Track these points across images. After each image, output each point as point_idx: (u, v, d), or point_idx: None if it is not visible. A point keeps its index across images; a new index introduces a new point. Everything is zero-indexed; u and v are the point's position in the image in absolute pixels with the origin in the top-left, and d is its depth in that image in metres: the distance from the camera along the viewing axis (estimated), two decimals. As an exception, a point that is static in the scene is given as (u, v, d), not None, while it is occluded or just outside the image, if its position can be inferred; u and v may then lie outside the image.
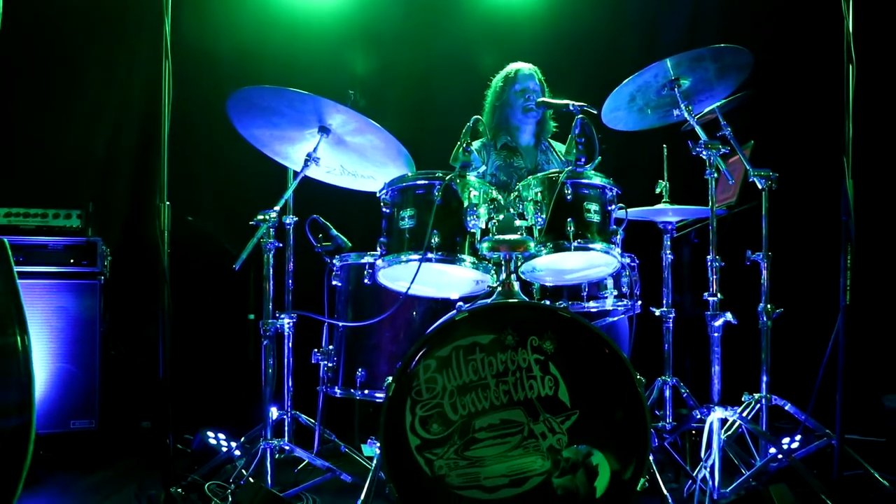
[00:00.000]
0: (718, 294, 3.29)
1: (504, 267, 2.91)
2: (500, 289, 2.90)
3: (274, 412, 3.38)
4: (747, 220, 3.79)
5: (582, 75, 4.91)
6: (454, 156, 3.03)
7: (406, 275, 2.96)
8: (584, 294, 3.33)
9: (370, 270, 3.30)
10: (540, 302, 3.11)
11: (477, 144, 4.22)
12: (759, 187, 3.48)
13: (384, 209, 3.10)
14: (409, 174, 3.13)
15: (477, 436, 2.62)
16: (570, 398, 2.62)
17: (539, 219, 2.97)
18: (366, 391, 3.29)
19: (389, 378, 2.67)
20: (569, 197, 2.94)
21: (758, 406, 3.58)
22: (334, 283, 3.48)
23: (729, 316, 3.25)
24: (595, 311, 3.39)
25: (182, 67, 3.16)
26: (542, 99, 3.98)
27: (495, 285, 2.95)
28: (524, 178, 3.30)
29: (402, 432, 2.62)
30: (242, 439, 3.72)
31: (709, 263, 3.32)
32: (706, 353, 3.33)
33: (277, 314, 3.42)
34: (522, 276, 3.07)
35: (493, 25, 5.27)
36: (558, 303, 3.17)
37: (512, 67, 4.29)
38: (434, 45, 5.20)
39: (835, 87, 2.82)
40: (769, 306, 3.55)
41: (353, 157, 3.56)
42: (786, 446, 3.41)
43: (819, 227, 3.47)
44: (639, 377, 2.63)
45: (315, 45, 5.12)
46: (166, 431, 3.10)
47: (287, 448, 3.32)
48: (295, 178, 3.43)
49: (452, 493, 2.59)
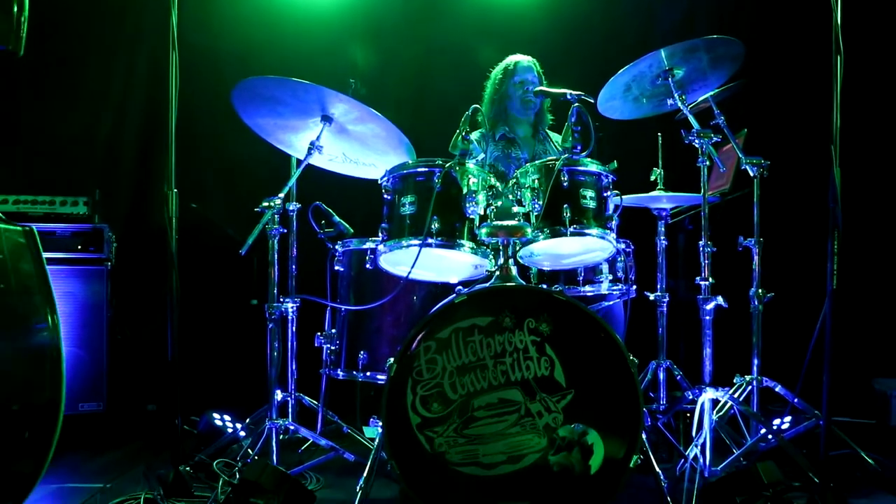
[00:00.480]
0: (710, 278, 3.36)
1: (502, 252, 2.96)
2: (498, 273, 2.95)
3: (278, 394, 3.43)
4: (741, 207, 3.85)
5: (579, 66, 4.94)
6: (453, 144, 3.09)
7: (407, 259, 3.01)
8: (581, 278, 3.38)
9: (372, 255, 3.35)
10: (537, 286, 3.17)
11: (476, 135, 4.26)
12: (751, 175, 3.54)
13: (385, 196, 3.15)
14: (410, 162, 3.18)
15: (476, 414, 2.68)
16: (566, 378, 2.69)
17: (536, 205, 3.01)
18: (368, 373, 3.35)
19: (391, 359, 2.73)
20: (565, 184, 2.99)
21: (749, 388, 3.65)
22: (337, 268, 3.54)
23: (720, 299, 3.33)
24: (591, 295, 3.44)
25: (185, 58, 3.20)
26: (539, 88, 4.05)
27: (493, 270, 2.99)
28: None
29: (403, 411, 2.69)
30: (247, 420, 3.80)
31: (701, 249, 3.39)
32: (700, 336, 3.40)
33: (281, 298, 3.48)
34: (520, 261, 3.11)
35: (492, 17, 5.28)
36: (555, 287, 3.24)
37: (511, 60, 4.31)
38: (433, 37, 5.22)
39: (825, 77, 2.88)
40: (760, 291, 3.63)
41: (354, 146, 3.60)
42: (776, 427, 3.48)
43: (810, 214, 3.53)
44: (632, 358, 2.69)
45: (316, 36, 5.14)
46: (174, 412, 3.19)
47: (292, 428, 3.38)
48: (298, 166, 3.46)
49: (452, 470, 2.66)
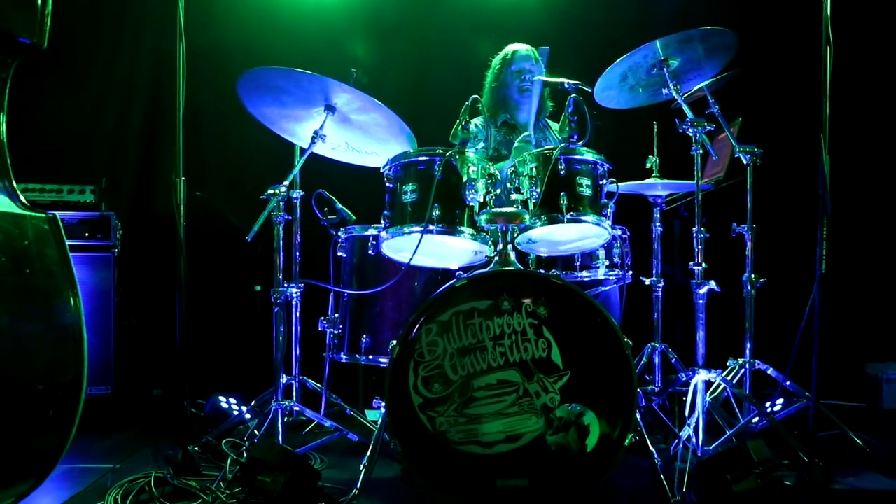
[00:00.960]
0: (703, 264, 3.44)
1: (501, 238, 3.02)
2: (497, 258, 3.01)
3: (283, 377, 3.50)
4: (735, 194, 3.91)
5: (577, 55, 4.96)
6: (454, 133, 3.14)
7: (408, 246, 3.07)
8: (578, 264, 3.47)
9: (374, 242, 3.42)
10: (534, 270, 3.23)
11: (479, 121, 4.33)
12: (745, 163, 3.61)
13: (387, 184, 3.20)
14: (412, 151, 3.22)
15: (475, 395, 2.76)
16: (563, 360, 2.76)
17: (534, 193, 3.08)
18: (370, 356, 3.42)
19: (394, 341, 2.79)
20: (562, 172, 3.05)
21: (742, 371, 3.73)
22: (340, 254, 3.60)
23: (713, 284, 3.40)
24: (588, 280, 3.51)
25: (188, 50, 3.26)
26: (538, 77, 4.10)
27: (493, 255, 3.05)
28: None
29: (405, 391, 2.76)
30: (252, 403, 3.87)
31: (694, 235, 3.46)
32: (694, 320, 3.47)
33: (286, 284, 3.55)
34: (518, 247, 3.18)
35: (491, 7, 5.29)
36: (551, 271, 3.31)
37: (509, 49, 4.36)
38: (433, 28, 5.22)
39: (817, 67, 2.92)
40: (753, 276, 3.70)
41: (357, 134, 3.66)
42: (768, 409, 3.56)
43: (802, 201, 3.59)
44: (626, 340, 2.76)
45: (316, 28, 5.15)
46: (182, 395, 3.27)
47: (297, 409, 3.46)
48: (302, 154, 3.51)
49: (452, 448, 2.73)
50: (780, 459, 3.05)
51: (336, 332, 3.58)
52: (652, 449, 2.87)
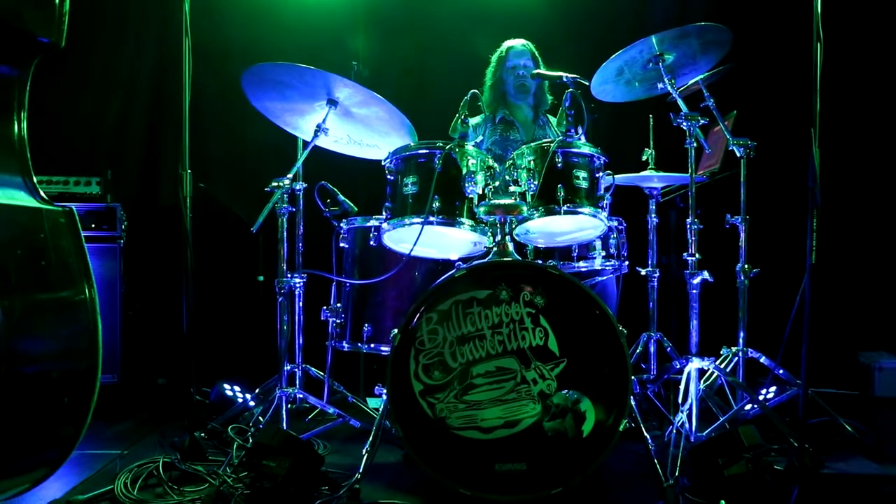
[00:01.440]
0: (697, 254, 3.49)
1: (499, 229, 3.07)
2: (495, 249, 3.06)
3: (286, 365, 3.56)
4: (730, 186, 3.95)
5: (576, 48, 5.00)
6: (453, 127, 3.22)
7: (409, 237, 3.12)
8: (575, 255, 3.49)
9: (376, 233, 3.47)
10: (532, 261, 3.27)
11: (478, 119, 4.36)
12: (738, 155, 3.67)
13: (389, 176, 3.25)
14: (412, 144, 3.28)
15: (474, 381, 2.81)
16: (559, 348, 2.82)
17: (532, 185, 3.12)
18: (372, 345, 3.48)
19: (395, 330, 2.84)
20: (559, 165, 3.10)
21: (735, 359, 3.80)
22: (342, 244, 3.65)
23: (706, 274, 3.46)
24: (585, 270, 3.54)
25: (194, 43, 3.30)
26: (536, 71, 4.14)
27: (491, 246, 3.09)
28: None
29: (406, 378, 2.82)
30: (257, 391, 3.93)
31: (688, 226, 3.51)
32: (688, 310, 3.52)
33: (290, 274, 3.59)
34: (517, 238, 3.22)
35: (490, 1, 5.28)
36: (549, 262, 3.36)
37: (505, 45, 4.40)
38: (433, 23, 5.22)
39: (809, 62, 2.96)
40: (747, 266, 3.76)
41: (359, 128, 3.70)
42: (760, 396, 3.63)
43: (795, 193, 3.63)
44: (621, 329, 2.81)
45: (317, 23, 5.15)
46: (188, 383, 3.34)
47: (301, 396, 3.52)
48: (305, 147, 3.56)
49: (452, 434, 2.79)
50: (770, 445, 3.11)
51: (338, 321, 3.63)
52: (646, 435, 2.93)
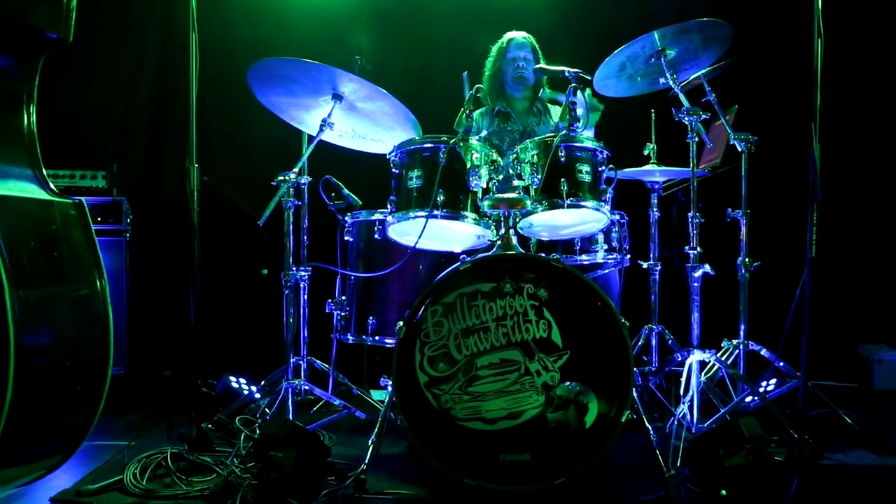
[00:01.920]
0: (698, 248, 3.53)
1: (503, 223, 3.09)
2: (499, 242, 3.08)
3: (292, 358, 3.60)
4: (731, 180, 3.97)
5: (578, 42, 5.01)
6: (458, 121, 3.22)
7: (414, 230, 3.14)
8: (577, 248, 3.52)
9: (380, 226, 3.49)
10: (535, 254, 3.30)
11: (479, 112, 4.37)
12: (739, 150, 3.70)
13: (393, 170, 3.27)
14: (417, 138, 3.29)
15: (479, 373, 2.84)
16: (562, 340, 2.85)
17: (535, 179, 3.15)
18: (376, 337, 3.48)
19: (400, 322, 2.87)
20: (562, 159, 3.13)
21: (736, 352, 3.84)
22: (346, 238, 3.66)
23: (707, 267, 3.49)
24: (587, 263, 3.57)
25: (200, 38, 3.33)
26: (538, 65, 4.12)
27: (495, 239, 3.13)
28: (516, 141, 3.44)
29: (411, 370, 2.84)
30: (262, 382, 3.96)
31: (690, 220, 3.55)
32: (690, 303, 3.56)
33: (295, 267, 3.63)
34: (520, 232, 3.24)
35: None
36: (552, 255, 3.40)
37: (506, 37, 4.40)
38: (435, 17, 5.24)
39: (810, 57, 2.99)
40: (747, 260, 3.80)
41: (363, 122, 3.72)
42: (761, 388, 3.66)
43: (796, 187, 3.65)
44: (623, 321, 2.84)
45: (321, 19, 5.17)
46: (195, 375, 3.38)
47: (307, 387, 3.55)
48: (311, 141, 3.58)
49: (456, 425, 2.82)
50: (770, 436, 3.14)
51: (343, 313, 3.64)
52: (648, 426, 2.95)
